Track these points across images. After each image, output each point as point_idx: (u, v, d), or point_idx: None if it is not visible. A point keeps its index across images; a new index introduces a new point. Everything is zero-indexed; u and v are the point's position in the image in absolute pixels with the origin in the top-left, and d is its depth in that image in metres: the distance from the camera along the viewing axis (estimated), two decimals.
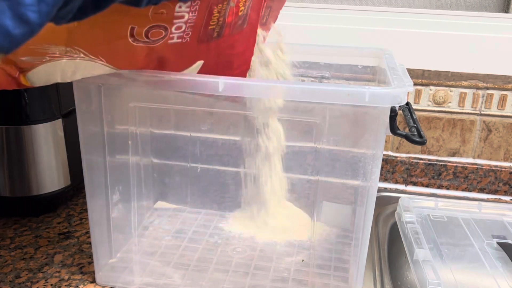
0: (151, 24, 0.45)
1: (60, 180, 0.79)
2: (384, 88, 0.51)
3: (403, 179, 0.94)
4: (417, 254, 0.66)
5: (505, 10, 0.96)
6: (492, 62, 0.88)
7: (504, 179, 0.91)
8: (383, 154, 0.93)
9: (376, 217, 0.81)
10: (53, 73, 0.48)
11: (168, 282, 0.63)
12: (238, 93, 0.52)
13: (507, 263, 0.70)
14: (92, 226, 0.64)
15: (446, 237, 0.75)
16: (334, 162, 0.56)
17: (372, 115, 0.53)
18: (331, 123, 0.54)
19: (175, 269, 0.64)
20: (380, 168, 0.54)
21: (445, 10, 0.97)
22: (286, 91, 0.52)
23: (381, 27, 0.90)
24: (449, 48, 0.89)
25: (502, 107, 0.89)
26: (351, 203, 0.62)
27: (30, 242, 0.74)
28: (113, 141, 0.61)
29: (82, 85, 0.57)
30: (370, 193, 0.56)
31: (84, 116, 0.59)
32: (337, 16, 0.93)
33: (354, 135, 0.55)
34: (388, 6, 1.00)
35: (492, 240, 0.74)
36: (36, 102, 0.74)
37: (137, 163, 0.64)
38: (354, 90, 0.50)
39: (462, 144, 0.92)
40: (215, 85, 0.51)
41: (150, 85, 0.52)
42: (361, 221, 0.57)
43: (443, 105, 0.91)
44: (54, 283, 0.64)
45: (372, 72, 0.75)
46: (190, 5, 0.46)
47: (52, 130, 0.76)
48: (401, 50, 0.87)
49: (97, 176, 0.62)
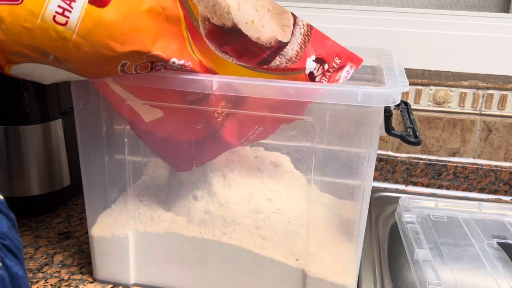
0: (143, 61, 0.48)
1: (60, 180, 0.79)
2: (377, 88, 0.51)
3: (403, 179, 0.94)
4: (417, 254, 0.66)
5: (505, 10, 0.96)
6: (492, 62, 0.88)
7: (504, 179, 0.91)
8: (383, 154, 0.94)
9: (376, 217, 0.81)
10: (35, 73, 0.49)
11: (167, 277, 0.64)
12: (232, 92, 0.52)
13: (507, 263, 0.70)
14: (90, 225, 0.64)
15: (446, 237, 0.75)
16: (329, 162, 0.56)
17: (366, 115, 0.53)
18: (326, 123, 0.54)
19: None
20: (376, 167, 0.54)
21: (445, 10, 0.97)
22: (280, 90, 0.52)
23: (381, 27, 0.90)
24: (449, 48, 0.89)
25: (502, 107, 0.89)
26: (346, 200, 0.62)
27: (30, 242, 0.74)
28: (111, 139, 0.61)
29: (80, 83, 0.58)
30: (365, 192, 0.56)
31: (81, 113, 0.60)
32: (337, 16, 0.93)
33: (348, 135, 0.55)
34: (388, 6, 1.00)
35: (492, 240, 0.74)
36: (36, 102, 0.74)
37: (133, 160, 0.64)
38: (347, 89, 0.50)
39: (462, 144, 0.92)
40: (209, 83, 0.51)
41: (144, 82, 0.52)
42: (357, 219, 0.57)
43: (443, 105, 0.91)
44: (54, 283, 0.64)
45: (372, 72, 0.75)
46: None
47: (52, 130, 0.76)
48: (401, 50, 0.87)
49: (95, 174, 0.62)
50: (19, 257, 0.39)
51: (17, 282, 0.36)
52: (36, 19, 0.43)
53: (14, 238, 0.39)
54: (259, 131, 0.61)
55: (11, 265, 0.36)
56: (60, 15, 0.43)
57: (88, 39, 0.44)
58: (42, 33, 0.43)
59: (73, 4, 0.43)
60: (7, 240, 0.38)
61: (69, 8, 0.43)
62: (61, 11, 0.43)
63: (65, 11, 0.43)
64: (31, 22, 0.43)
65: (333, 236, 0.61)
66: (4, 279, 0.35)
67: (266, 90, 0.52)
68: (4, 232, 0.38)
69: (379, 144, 0.58)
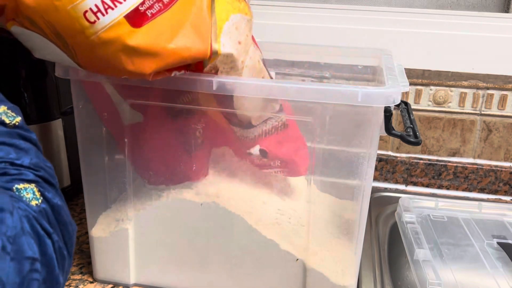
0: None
1: (60, 180, 0.79)
2: (377, 88, 0.51)
3: (403, 179, 0.94)
4: (417, 254, 0.66)
5: (505, 10, 0.96)
6: (492, 62, 0.88)
7: (504, 179, 0.91)
8: (383, 154, 0.94)
9: (376, 217, 0.81)
10: (34, 42, 0.49)
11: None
12: (233, 92, 0.52)
13: (507, 263, 0.70)
14: (90, 225, 0.64)
15: (446, 237, 0.75)
16: (329, 162, 0.56)
17: (366, 115, 0.53)
18: (326, 123, 0.54)
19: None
20: (376, 167, 0.54)
21: (445, 10, 0.97)
22: (280, 90, 0.52)
23: (381, 27, 0.90)
24: (449, 48, 0.89)
25: (502, 107, 0.89)
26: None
27: None
28: (111, 139, 0.61)
29: (80, 82, 0.58)
30: (365, 191, 0.56)
31: (81, 113, 0.60)
32: (337, 16, 0.93)
33: (348, 135, 0.55)
34: (388, 6, 1.00)
35: (492, 240, 0.74)
36: (36, 102, 0.74)
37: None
38: (347, 90, 0.50)
39: (462, 144, 0.92)
40: (209, 83, 0.51)
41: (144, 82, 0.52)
42: (357, 219, 0.57)
43: (443, 105, 0.91)
44: None
45: (372, 72, 0.75)
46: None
47: (52, 130, 0.76)
48: (401, 50, 0.87)
49: (95, 174, 0.62)
50: (55, 185, 0.38)
51: (59, 212, 0.36)
52: (70, 4, 0.43)
53: (46, 166, 0.38)
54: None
55: (50, 197, 0.35)
56: (92, 13, 0.43)
57: (106, 45, 0.44)
58: (67, 19, 0.43)
59: (109, 11, 0.43)
60: (41, 171, 0.37)
61: (103, 12, 0.43)
62: (95, 10, 0.43)
63: (98, 12, 0.43)
64: (63, 4, 0.43)
65: (333, 236, 0.61)
66: (47, 212, 0.34)
67: (265, 90, 0.52)
68: (36, 162, 0.37)
69: (379, 144, 0.58)
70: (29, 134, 0.39)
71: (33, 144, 0.39)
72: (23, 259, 0.29)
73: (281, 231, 0.60)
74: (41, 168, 0.37)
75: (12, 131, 0.37)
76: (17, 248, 0.29)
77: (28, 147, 0.37)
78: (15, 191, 0.33)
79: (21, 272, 0.29)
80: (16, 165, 0.35)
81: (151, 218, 0.62)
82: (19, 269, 0.29)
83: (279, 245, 0.60)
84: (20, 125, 0.38)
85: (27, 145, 0.38)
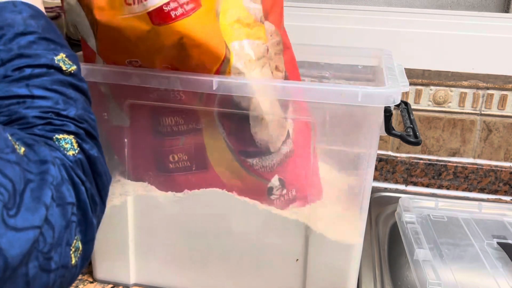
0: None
1: None
2: (376, 88, 0.51)
3: (403, 179, 0.94)
4: (417, 254, 0.66)
5: (505, 10, 0.96)
6: (492, 62, 0.88)
7: (504, 179, 0.91)
8: (383, 154, 0.94)
9: (376, 217, 0.81)
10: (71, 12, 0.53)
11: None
12: (233, 92, 0.52)
13: (507, 263, 0.70)
14: None
15: (446, 237, 0.75)
16: (329, 161, 0.56)
17: (366, 115, 0.53)
18: (326, 123, 0.54)
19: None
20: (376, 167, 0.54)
21: (445, 10, 0.97)
22: (280, 90, 0.52)
23: (381, 27, 0.90)
24: (449, 48, 0.89)
25: (502, 107, 0.89)
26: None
27: None
28: (111, 139, 0.61)
29: None
30: (365, 191, 0.56)
31: None
32: (337, 16, 0.93)
33: (348, 135, 0.55)
34: (388, 6, 1.00)
35: (492, 240, 0.74)
36: None
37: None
38: (347, 90, 0.50)
39: (462, 144, 0.92)
40: (209, 83, 0.51)
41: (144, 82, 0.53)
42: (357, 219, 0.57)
43: (443, 105, 0.91)
44: None
45: (372, 72, 0.75)
46: None
47: None
48: (401, 50, 0.87)
49: None
50: (96, 137, 0.39)
51: (94, 163, 0.37)
52: None
53: (90, 118, 0.39)
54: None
55: (87, 148, 0.37)
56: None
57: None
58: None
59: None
60: (84, 123, 0.38)
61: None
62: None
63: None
64: None
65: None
66: (83, 162, 0.36)
67: (265, 90, 0.52)
68: (81, 114, 0.38)
69: (379, 144, 0.58)
70: (81, 83, 0.40)
71: (83, 94, 0.40)
72: (66, 204, 0.33)
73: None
74: (85, 120, 0.38)
75: (65, 79, 0.38)
76: (60, 195, 0.32)
77: (77, 97, 0.39)
78: (55, 140, 0.35)
79: (65, 217, 0.32)
80: (62, 115, 0.37)
81: (151, 219, 0.62)
82: (64, 214, 0.32)
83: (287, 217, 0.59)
84: (75, 73, 0.40)
85: (77, 95, 0.39)
